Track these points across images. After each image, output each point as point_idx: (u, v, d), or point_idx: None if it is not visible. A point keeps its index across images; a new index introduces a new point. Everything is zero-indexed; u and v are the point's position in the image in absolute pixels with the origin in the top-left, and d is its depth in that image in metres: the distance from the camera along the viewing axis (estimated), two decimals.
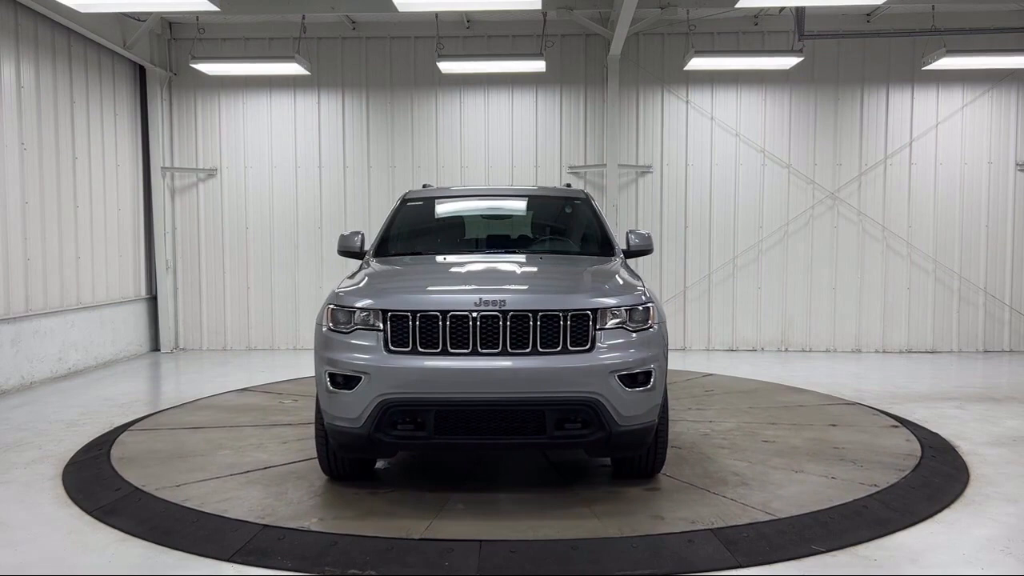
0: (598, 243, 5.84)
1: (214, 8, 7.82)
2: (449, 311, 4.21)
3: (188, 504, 4.44)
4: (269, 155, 11.01)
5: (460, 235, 6.13)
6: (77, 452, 5.63)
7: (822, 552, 3.81)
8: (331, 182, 11.01)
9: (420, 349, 4.21)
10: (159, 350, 10.98)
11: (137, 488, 4.72)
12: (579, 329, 4.25)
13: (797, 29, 9.44)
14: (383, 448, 4.35)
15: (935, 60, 9.61)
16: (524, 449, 5.12)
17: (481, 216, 6.47)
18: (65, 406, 7.30)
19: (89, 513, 4.39)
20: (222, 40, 10.79)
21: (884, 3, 8.80)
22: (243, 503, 4.46)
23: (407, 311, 4.24)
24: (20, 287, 8.28)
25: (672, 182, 10.87)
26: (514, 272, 5.04)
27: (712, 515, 4.27)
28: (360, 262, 5.67)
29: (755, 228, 10.87)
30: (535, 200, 6.54)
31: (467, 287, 4.47)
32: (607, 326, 4.29)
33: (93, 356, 9.54)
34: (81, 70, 9.42)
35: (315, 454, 4.94)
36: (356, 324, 4.32)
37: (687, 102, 10.80)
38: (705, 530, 4.03)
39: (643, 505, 4.47)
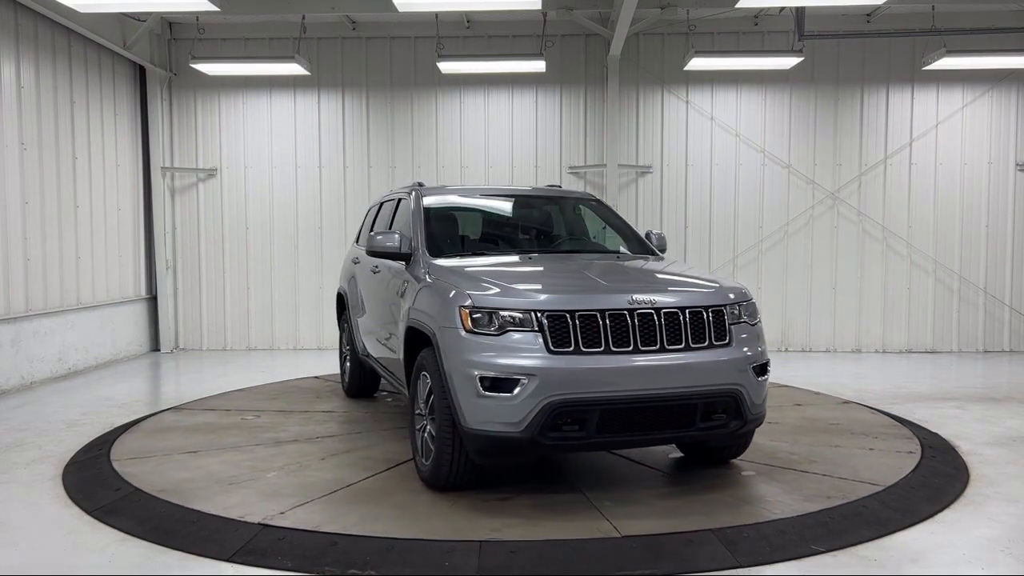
0: (637, 243, 5.96)
1: (214, 8, 7.82)
2: (607, 310, 4.25)
3: (321, 529, 4.05)
4: (269, 155, 11.01)
5: (512, 233, 6.09)
6: (77, 452, 5.63)
7: (822, 552, 3.81)
8: (331, 182, 11.00)
9: (583, 349, 4.19)
10: (159, 350, 10.98)
11: (137, 488, 4.71)
12: (719, 324, 4.48)
13: (797, 29, 9.44)
14: (540, 451, 4.31)
15: (935, 60, 9.61)
16: (672, 443, 5.14)
17: (516, 215, 6.39)
18: (65, 406, 7.30)
19: (89, 513, 4.39)
20: (222, 40, 10.79)
21: (884, 3, 8.79)
22: (387, 524, 4.13)
23: (565, 311, 4.22)
24: (20, 287, 8.27)
25: (672, 182, 10.86)
26: (635, 270, 5.16)
27: (831, 491, 4.59)
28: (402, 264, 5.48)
29: (755, 228, 10.87)
30: (559, 200, 6.45)
31: (613, 286, 4.55)
32: (736, 321, 4.57)
33: (93, 356, 9.54)
34: (81, 70, 9.42)
35: (375, 469, 5.02)
36: (504, 326, 4.21)
37: (687, 102, 10.80)
38: (705, 530, 4.03)
39: (761, 489, 4.70)
